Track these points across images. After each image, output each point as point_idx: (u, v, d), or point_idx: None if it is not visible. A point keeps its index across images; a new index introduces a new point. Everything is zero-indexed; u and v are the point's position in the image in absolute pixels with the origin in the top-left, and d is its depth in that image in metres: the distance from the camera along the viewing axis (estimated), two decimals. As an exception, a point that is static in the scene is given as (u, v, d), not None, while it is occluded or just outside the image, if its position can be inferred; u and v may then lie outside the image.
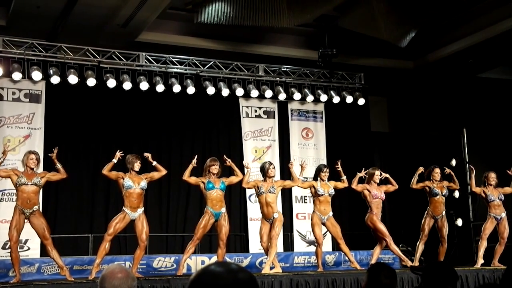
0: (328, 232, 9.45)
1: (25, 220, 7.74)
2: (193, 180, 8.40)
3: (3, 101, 10.04)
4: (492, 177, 9.58)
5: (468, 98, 13.20)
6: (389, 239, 9.03)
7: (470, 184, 10.06)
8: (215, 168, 8.36)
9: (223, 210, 8.39)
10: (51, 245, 7.79)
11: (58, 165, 7.94)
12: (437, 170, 9.57)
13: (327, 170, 9.12)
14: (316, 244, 9.00)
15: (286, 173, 11.50)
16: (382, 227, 9.09)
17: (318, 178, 8.98)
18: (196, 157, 8.51)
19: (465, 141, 13.24)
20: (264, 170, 8.72)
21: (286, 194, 11.63)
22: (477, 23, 11.46)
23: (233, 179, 8.65)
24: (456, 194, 11.65)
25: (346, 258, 9.50)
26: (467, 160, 12.95)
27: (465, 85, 13.11)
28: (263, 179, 8.78)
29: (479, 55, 12.26)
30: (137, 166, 8.10)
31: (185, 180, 8.39)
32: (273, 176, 8.76)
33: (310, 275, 7.98)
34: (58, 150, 8.07)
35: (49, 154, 8.08)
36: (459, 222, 12.35)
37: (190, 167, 8.38)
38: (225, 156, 8.78)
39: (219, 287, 1.55)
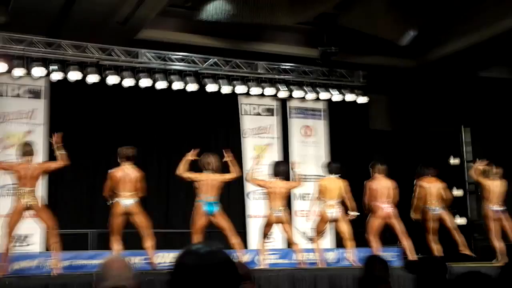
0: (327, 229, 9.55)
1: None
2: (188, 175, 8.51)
3: (4, 97, 10.12)
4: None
5: (470, 97, 13.20)
6: None
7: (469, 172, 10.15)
8: (209, 164, 8.45)
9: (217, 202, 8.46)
10: None
11: (61, 152, 7.93)
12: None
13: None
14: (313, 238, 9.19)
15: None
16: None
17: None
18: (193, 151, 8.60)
19: (465, 140, 13.24)
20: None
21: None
22: (479, 22, 11.44)
23: (227, 176, 8.71)
24: (458, 193, 11.67)
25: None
26: (466, 159, 12.96)
27: (466, 83, 13.11)
28: (271, 180, 8.93)
29: (481, 53, 12.25)
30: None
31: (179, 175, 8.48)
32: None
33: (309, 271, 8.03)
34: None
35: (51, 139, 8.11)
36: (459, 220, 12.35)
37: (187, 160, 8.46)
38: (225, 151, 8.81)
39: (202, 267, 1.60)
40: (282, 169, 9.07)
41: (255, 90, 11.59)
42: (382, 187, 9.29)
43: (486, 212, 9.66)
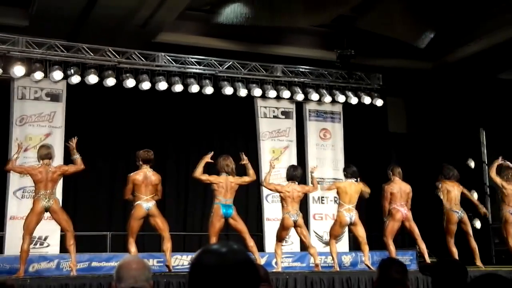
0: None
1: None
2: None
3: (25, 100, 10.23)
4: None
5: (487, 99, 13.09)
6: None
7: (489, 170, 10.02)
8: (227, 166, 8.46)
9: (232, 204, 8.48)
10: None
11: (75, 156, 8.00)
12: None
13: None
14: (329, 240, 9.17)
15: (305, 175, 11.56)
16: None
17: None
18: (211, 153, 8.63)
19: (484, 142, 13.13)
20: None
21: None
22: (497, 23, 11.35)
23: (246, 179, 8.72)
24: (475, 195, 11.55)
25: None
26: (485, 161, 12.85)
27: (484, 85, 13.01)
28: (286, 184, 8.93)
29: (499, 55, 12.14)
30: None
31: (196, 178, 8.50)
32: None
33: (325, 273, 8.01)
34: (77, 149, 8.15)
35: (68, 143, 8.18)
36: (478, 224, 12.24)
37: (204, 162, 8.48)
38: (243, 154, 8.83)
39: (223, 267, 1.59)
40: (298, 173, 9.07)
41: (272, 93, 11.59)
42: (400, 191, 9.28)
43: (506, 216, 9.57)
